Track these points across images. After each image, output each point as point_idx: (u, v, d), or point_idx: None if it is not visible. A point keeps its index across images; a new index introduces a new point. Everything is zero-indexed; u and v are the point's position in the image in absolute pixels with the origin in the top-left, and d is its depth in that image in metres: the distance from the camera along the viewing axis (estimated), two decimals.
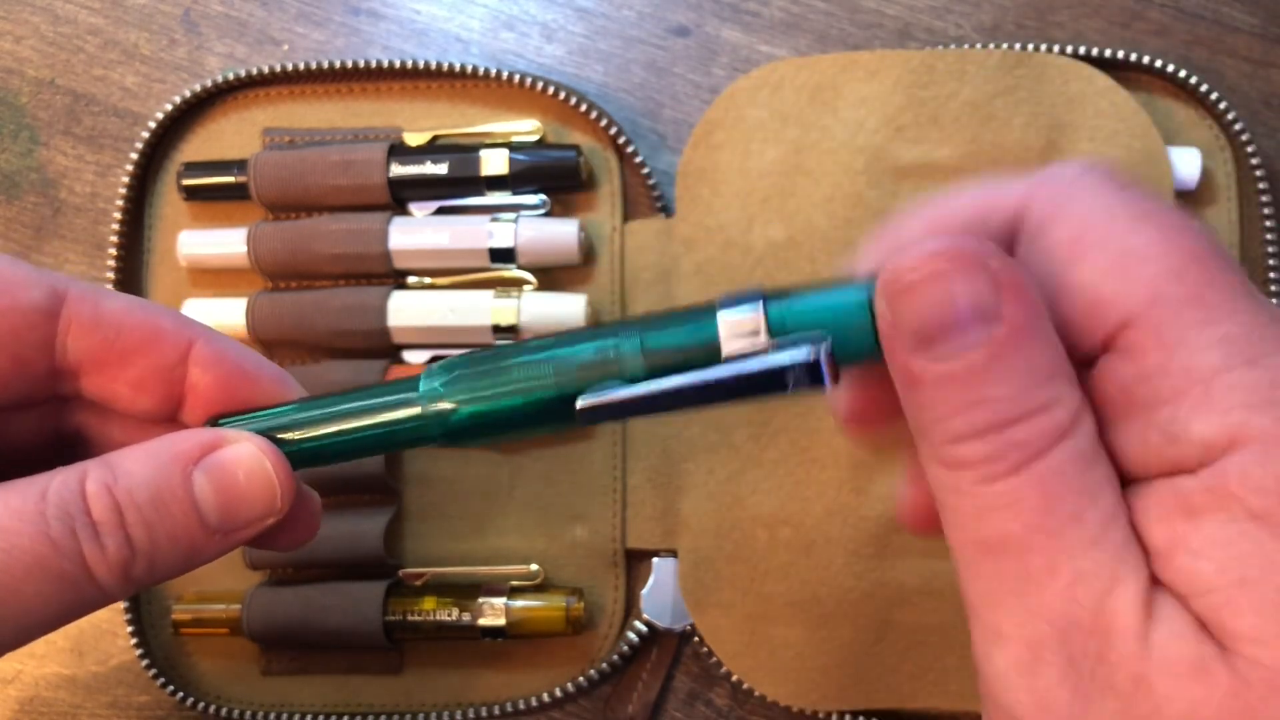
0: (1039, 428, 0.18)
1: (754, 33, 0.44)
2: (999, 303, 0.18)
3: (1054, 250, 0.19)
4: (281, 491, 0.25)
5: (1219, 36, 0.43)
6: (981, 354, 0.18)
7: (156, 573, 0.24)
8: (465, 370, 0.24)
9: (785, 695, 0.39)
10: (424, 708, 0.40)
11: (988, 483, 0.19)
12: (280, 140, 0.43)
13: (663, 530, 0.40)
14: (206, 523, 0.24)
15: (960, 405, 0.19)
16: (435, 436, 0.25)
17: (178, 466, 0.24)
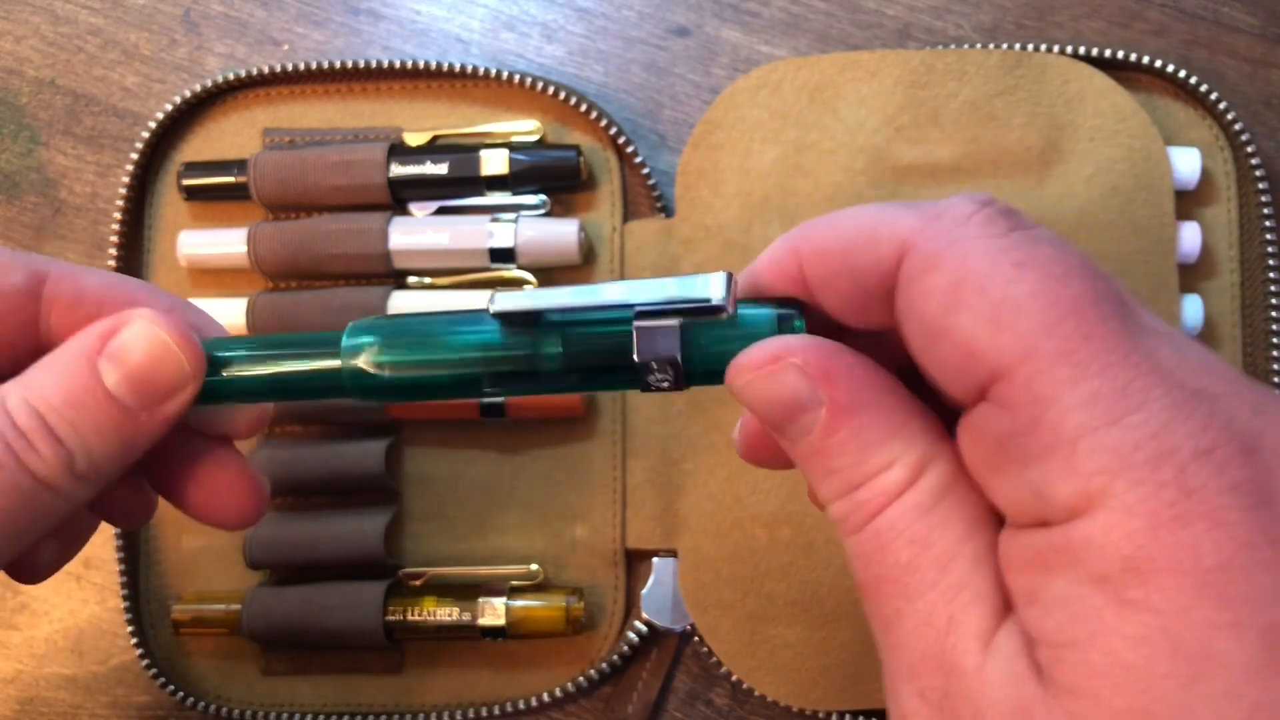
0: (876, 489, 0.20)
1: (754, 33, 0.44)
2: (816, 390, 0.21)
3: (933, 295, 0.19)
4: (188, 357, 0.25)
5: (1219, 37, 0.43)
6: (817, 435, 0.21)
7: (101, 464, 0.25)
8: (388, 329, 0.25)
9: (785, 695, 0.39)
10: (424, 708, 0.40)
11: (848, 536, 0.21)
12: (280, 140, 0.43)
13: (663, 530, 0.40)
14: (125, 405, 0.25)
15: (819, 476, 0.21)
16: (349, 390, 0.25)
17: (83, 361, 0.25)
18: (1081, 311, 0.18)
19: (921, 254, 0.20)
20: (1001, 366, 0.18)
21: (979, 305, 0.19)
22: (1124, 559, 0.17)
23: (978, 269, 0.19)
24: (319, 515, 0.41)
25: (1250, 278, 0.40)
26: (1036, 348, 0.18)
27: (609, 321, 0.24)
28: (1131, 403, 0.17)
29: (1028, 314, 0.18)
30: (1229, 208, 0.40)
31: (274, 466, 0.41)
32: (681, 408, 0.40)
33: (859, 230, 0.21)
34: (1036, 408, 0.18)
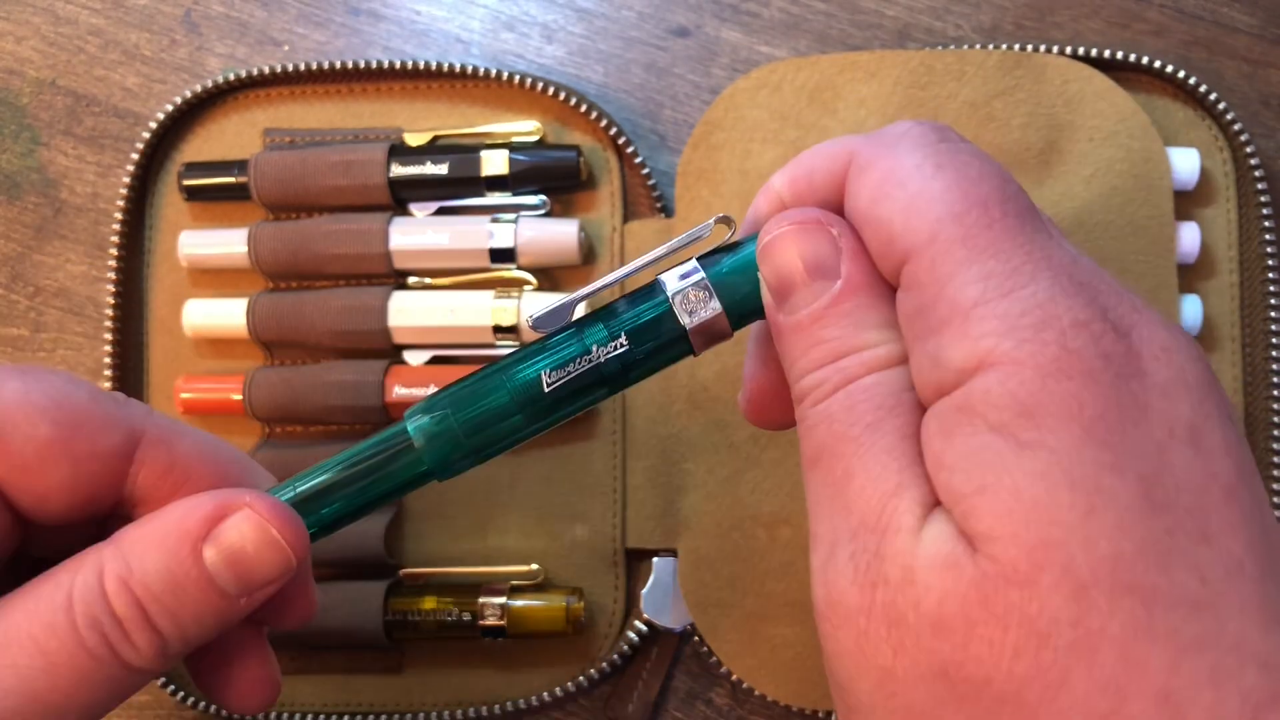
0: (860, 360, 0.22)
1: (754, 33, 0.44)
2: (839, 262, 0.23)
3: (864, 191, 0.22)
4: (292, 547, 0.25)
5: (1218, 37, 0.43)
6: (823, 304, 0.22)
7: (192, 644, 0.25)
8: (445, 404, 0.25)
9: (785, 695, 0.39)
10: (424, 708, 0.40)
11: (815, 404, 0.22)
12: (281, 141, 0.43)
13: (663, 530, 0.40)
14: (227, 594, 0.25)
15: (806, 347, 0.23)
16: (435, 472, 0.26)
17: (187, 547, 0.24)
18: (987, 206, 0.21)
19: (860, 159, 0.23)
20: (911, 249, 0.21)
21: (898, 196, 0.21)
22: (1017, 405, 0.19)
23: (902, 167, 0.22)
24: None
25: (1249, 278, 0.40)
26: (940, 233, 0.20)
27: (641, 292, 0.25)
28: (1020, 280, 0.20)
29: (938, 204, 0.21)
30: (1228, 208, 0.41)
31: (274, 466, 0.40)
32: (682, 408, 0.40)
33: (819, 153, 0.24)
34: (936, 285, 0.20)
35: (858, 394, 0.22)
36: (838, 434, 0.21)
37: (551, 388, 0.25)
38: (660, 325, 0.25)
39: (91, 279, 0.44)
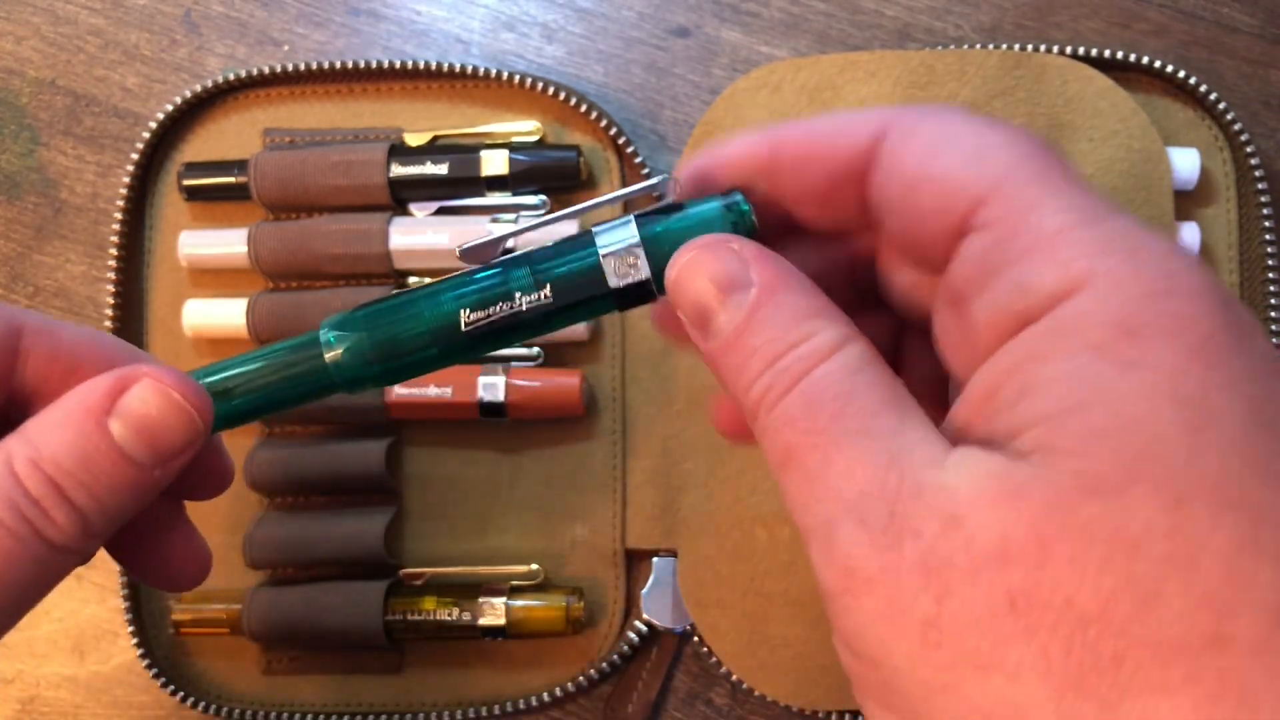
0: (800, 355, 0.21)
1: (754, 33, 0.44)
2: (748, 270, 0.22)
3: (913, 153, 0.22)
4: (198, 410, 0.26)
5: (1217, 37, 0.43)
6: (743, 315, 0.22)
7: (114, 518, 0.25)
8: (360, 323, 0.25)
9: (785, 695, 0.39)
10: (424, 708, 0.40)
11: (770, 411, 0.21)
12: (281, 140, 0.43)
13: (663, 530, 0.40)
14: (140, 463, 0.25)
15: (741, 362, 0.22)
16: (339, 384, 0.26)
17: (92, 421, 0.25)
18: (1046, 154, 0.21)
19: (902, 126, 0.22)
20: (983, 192, 0.20)
21: (958, 149, 0.21)
22: (1119, 323, 0.18)
23: (953, 127, 0.22)
24: (319, 515, 0.41)
25: (1250, 278, 0.40)
26: (1013, 172, 0.20)
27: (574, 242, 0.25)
28: (1102, 212, 0.20)
29: (1004, 150, 0.21)
30: (1228, 208, 0.41)
31: (274, 466, 0.41)
32: (682, 408, 0.40)
33: (838, 120, 0.23)
34: (1016, 217, 0.20)
35: (812, 391, 0.21)
36: (803, 430, 0.21)
37: (469, 328, 0.25)
38: (586, 281, 0.25)
39: (91, 279, 0.44)
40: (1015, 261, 0.20)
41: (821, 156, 0.23)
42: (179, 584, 0.30)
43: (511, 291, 0.25)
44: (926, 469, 0.19)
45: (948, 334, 0.22)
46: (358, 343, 0.25)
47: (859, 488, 0.20)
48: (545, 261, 0.25)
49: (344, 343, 0.25)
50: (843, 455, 0.20)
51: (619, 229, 0.24)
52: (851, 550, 0.19)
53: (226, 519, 0.41)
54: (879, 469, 0.20)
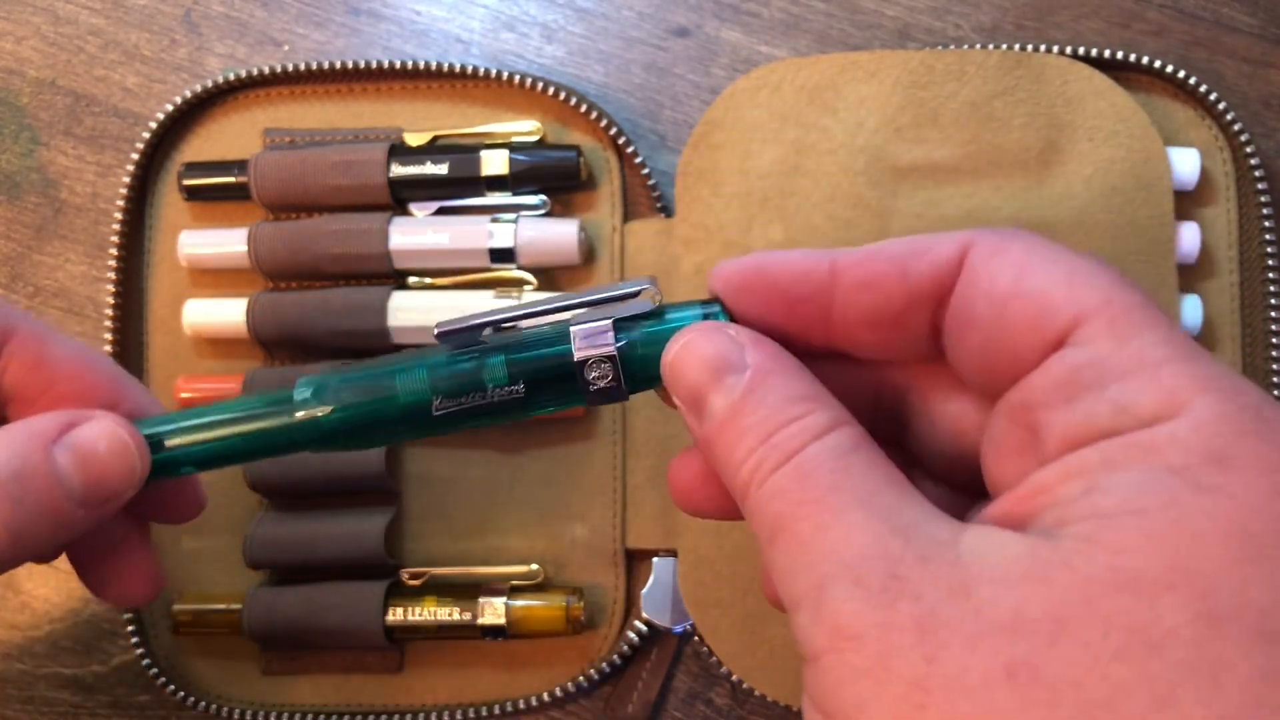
0: (793, 432, 0.21)
1: (754, 33, 0.44)
2: (743, 353, 0.23)
3: (1004, 271, 0.22)
4: (141, 461, 0.26)
5: (1218, 37, 0.43)
6: (738, 395, 0.22)
7: (22, 545, 0.25)
8: (336, 380, 0.26)
9: (785, 695, 0.39)
10: (424, 708, 0.40)
11: (761, 485, 0.21)
12: (281, 140, 0.43)
13: (663, 530, 0.40)
14: (71, 496, 0.25)
15: (734, 440, 0.22)
16: (303, 442, 0.26)
17: (38, 444, 0.25)
18: (1137, 287, 0.21)
19: (988, 245, 0.22)
20: (1083, 312, 0.21)
21: (1054, 270, 0.21)
22: (1207, 452, 0.19)
23: (1046, 249, 0.22)
24: (319, 515, 0.41)
25: (1249, 278, 0.40)
26: (1113, 297, 0.21)
27: (550, 338, 0.25)
28: (1197, 351, 0.20)
29: (1101, 275, 0.21)
30: (1228, 208, 0.40)
31: (274, 466, 0.41)
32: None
33: (912, 242, 0.23)
34: (1118, 341, 0.20)
35: (806, 465, 0.21)
36: (795, 500, 0.21)
37: (440, 413, 0.25)
38: (559, 379, 0.25)
39: (91, 279, 0.44)
40: (1113, 381, 0.20)
41: (898, 277, 0.23)
42: (125, 602, 0.31)
43: (486, 384, 0.25)
44: (933, 541, 0.19)
45: (1003, 441, 0.22)
46: (327, 409, 0.26)
47: (856, 550, 0.19)
48: (520, 353, 0.25)
49: (314, 408, 0.26)
50: (840, 522, 0.20)
51: (597, 335, 0.25)
52: (843, 608, 0.19)
53: (226, 519, 0.41)
54: (879, 536, 0.19)
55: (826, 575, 0.19)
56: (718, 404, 0.23)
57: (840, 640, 0.19)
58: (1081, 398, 0.20)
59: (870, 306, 0.23)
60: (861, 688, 0.18)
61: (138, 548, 0.30)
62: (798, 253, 0.24)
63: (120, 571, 0.30)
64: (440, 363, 0.26)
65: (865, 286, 0.23)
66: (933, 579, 0.19)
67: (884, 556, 0.19)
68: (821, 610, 0.19)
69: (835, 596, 0.19)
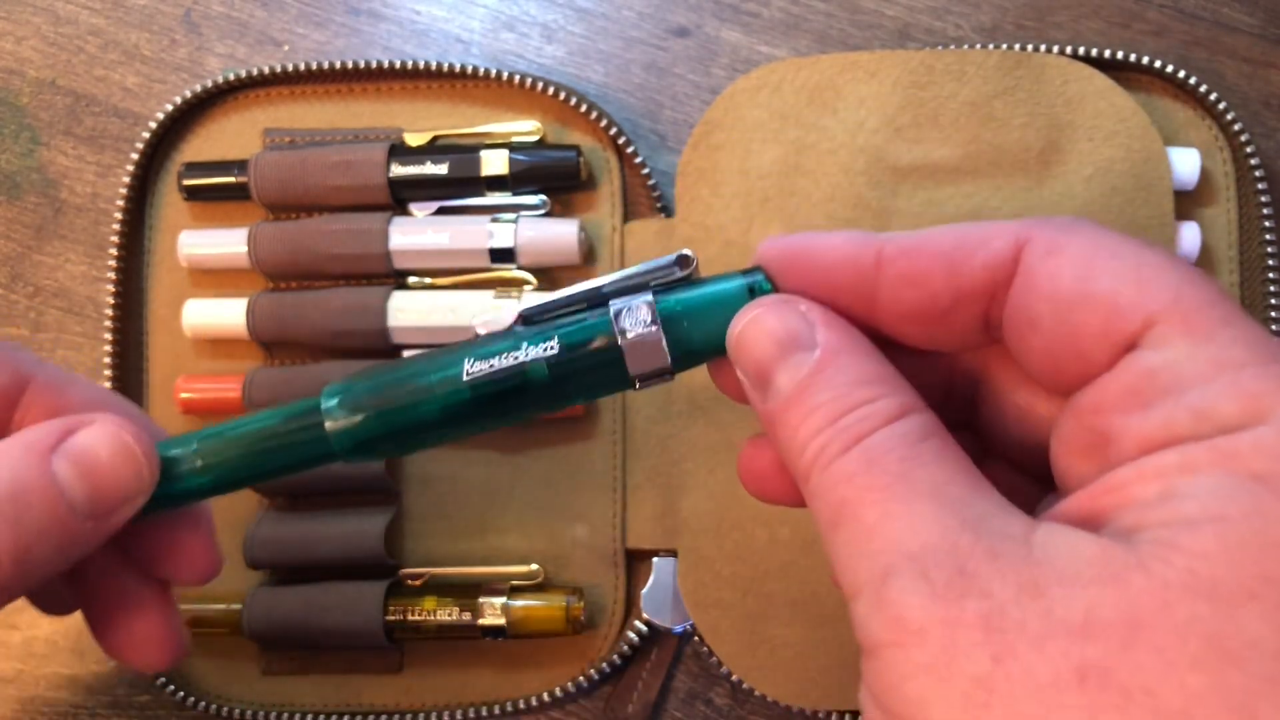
0: (861, 416, 0.21)
1: (754, 33, 0.44)
2: (813, 331, 0.22)
3: (1065, 270, 0.21)
4: (148, 464, 0.24)
5: (1218, 37, 0.43)
6: (806, 373, 0.22)
7: (31, 566, 0.23)
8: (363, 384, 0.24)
9: (785, 695, 0.39)
10: (424, 708, 0.40)
11: (825, 468, 0.21)
12: (281, 140, 0.43)
13: (663, 530, 0.40)
14: (76, 508, 0.24)
15: (800, 419, 0.21)
16: (339, 453, 0.24)
17: (34, 456, 0.23)
18: (1208, 280, 0.20)
19: (1045, 241, 0.21)
20: (1154, 313, 0.20)
21: (1119, 268, 0.20)
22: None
23: (1108, 243, 0.21)
24: (319, 515, 0.41)
25: (1250, 278, 0.40)
26: (1185, 295, 0.20)
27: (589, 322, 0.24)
28: (1276, 350, 0.19)
29: (1170, 271, 0.20)
30: (1228, 208, 0.40)
31: None
32: (682, 408, 0.40)
33: (964, 231, 0.22)
34: (1196, 343, 0.20)
35: (875, 450, 0.20)
36: (862, 486, 0.20)
37: (471, 378, 0.23)
38: (596, 341, 0.24)
39: (91, 279, 0.44)
40: (1191, 386, 0.19)
41: (946, 272, 0.22)
42: (146, 665, 0.28)
43: (519, 343, 0.24)
44: (1004, 537, 0.19)
45: (1073, 441, 0.22)
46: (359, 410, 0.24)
47: (924, 541, 0.19)
48: (559, 323, 0.24)
49: (345, 412, 0.24)
50: (908, 510, 0.19)
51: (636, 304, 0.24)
52: (907, 600, 0.18)
53: (226, 519, 0.41)
54: (948, 529, 0.19)
55: (891, 565, 0.19)
56: (784, 381, 0.22)
57: (902, 634, 0.18)
58: (1159, 404, 0.20)
59: (915, 302, 0.22)
60: (923, 685, 0.18)
61: (158, 609, 0.28)
62: (843, 236, 0.23)
63: (138, 634, 0.28)
64: (471, 347, 0.24)
65: (910, 282, 0.22)
66: (1002, 576, 0.18)
67: (952, 550, 0.19)
68: (884, 601, 0.19)
69: (899, 588, 0.19)
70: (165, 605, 0.29)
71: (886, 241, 0.23)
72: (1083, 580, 0.18)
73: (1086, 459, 0.21)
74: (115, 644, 0.28)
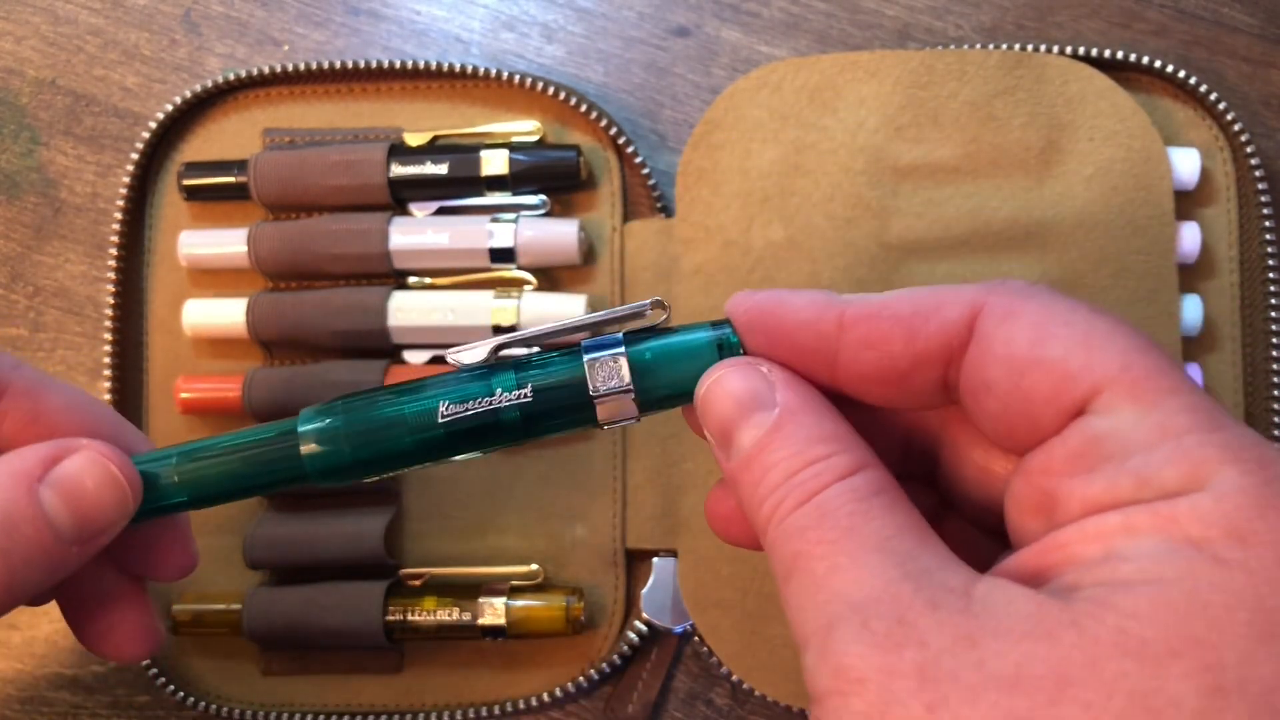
0: (817, 471, 0.22)
1: (754, 33, 0.44)
2: (773, 392, 0.23)
3: (1018, 335, 0.21)
4: (131, 490, 0.25)
5: (1218, 37, 0.43)
6: (765, 432, 0.22)
7: (18, 592, 0.24)
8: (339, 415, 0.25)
9: (785, 695, 0.39)
10: (424, 708, 0.40)
11: (780, 522, 0.22)
12: (280, 140, 0.43)
13: (663, 530, 0.40)
14: (61, 536, 0.25)
15: (758, 476, 0.22)
16: (311, 475, 0.25)
17: (22, 486, 0.24)
18: (1157, 349, 0.21)
19: (999, 307, 0.22)
20: (1102, 380, 0.20)
21: (1070, 335, 0.21)
22: (1228, 527, 0.18)
23: (1060, 310, 0.21)
24: (319, 515, 0.41)
25: (1250, 278, 0.40)
26: (1133, 362, 0.20)
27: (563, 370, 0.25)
28: (1222, 420, 0.20)
29: (1119, 339, 0.21)
30: (1228, 208, 0.40)
31: None
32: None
33: (922, 297, 0.23)
34: (1141, 410, 0.20)
35: (827, 505, 0.21)
36: (813, 540, 0.21)
37: (445, 419, 0.25)
38: (568, 388, 0.25)
39: (91, 279, 0.44)
40: (1135, 453, 0.20)
41: (904, 337, 0.23)
42: (122, 656, 0.30)
43: (493, 389, 0.25)
44: (945, 589, 0.19)
45: (1023, 499, 0.22)
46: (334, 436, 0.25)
47: (867, 593, 0.19)
48: (531, 367, 0.25)
49: (320, 435, 0.25)
50: (854, 564, 0.20)
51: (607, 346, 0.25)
52: (848, 649, 0.19)
53: (226, 519, 0.41)
54: (891, 580, 0.19)
55: (836, 616, 0.20)
56: (745, 440, 0.23)
57: (843, 683, 0.19)
58: (1103, 468, 0.20)
59: (874, 364, 0.23)
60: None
61: (132, 603, 0.29)
62: (808, 298, 0.24)
63: (114, 627, 0.29)
64: (450, 377, 0.25)
65: (869, 346, 0.23)
66: (940, 626, 0.19)
67: (893, 601, 0.19)
68: (828, 651, 0.19)
69: (842, 638, 0.19)
70: (140, 600, 0.30)
71: (848, 305, 0.23)
72: (1015, 635, 0.18)
73: (1035, 517, 0.22)
74: (92, 637, 0.29)
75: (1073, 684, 0.17)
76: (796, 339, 0.24)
